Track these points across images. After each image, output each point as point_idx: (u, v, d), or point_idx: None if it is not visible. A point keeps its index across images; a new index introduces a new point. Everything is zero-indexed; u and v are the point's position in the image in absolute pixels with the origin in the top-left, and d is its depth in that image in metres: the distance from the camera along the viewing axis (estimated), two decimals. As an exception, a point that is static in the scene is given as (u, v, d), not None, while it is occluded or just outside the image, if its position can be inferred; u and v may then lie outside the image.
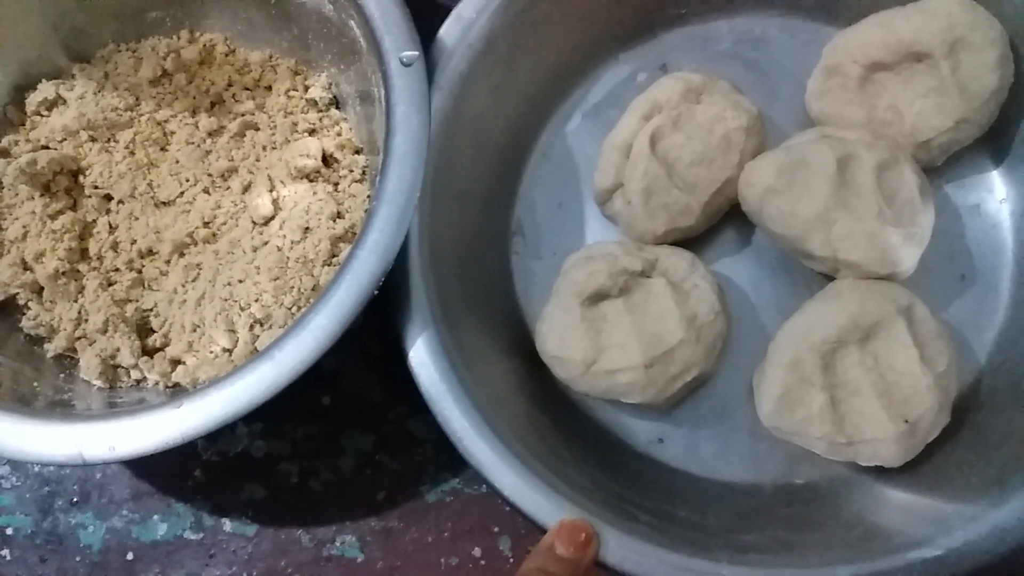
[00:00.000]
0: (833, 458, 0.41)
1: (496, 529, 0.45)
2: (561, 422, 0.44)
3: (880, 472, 0.41)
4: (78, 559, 0.47)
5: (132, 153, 0.48)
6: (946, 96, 0.42)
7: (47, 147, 0.48)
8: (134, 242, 0.47)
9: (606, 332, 0.42)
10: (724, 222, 0.46)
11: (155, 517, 0.47)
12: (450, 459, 0.46)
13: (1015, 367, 0.42)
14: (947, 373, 0.40)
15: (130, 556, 0.47)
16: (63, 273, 0.46)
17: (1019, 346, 0.43)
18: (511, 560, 0.45)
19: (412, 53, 0.41)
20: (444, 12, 0.45)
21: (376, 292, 0.39)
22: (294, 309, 0.43)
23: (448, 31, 0.44)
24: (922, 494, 0.40)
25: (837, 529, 0.40)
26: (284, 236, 0.45)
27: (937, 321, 0.41)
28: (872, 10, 0.44)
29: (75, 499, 0.48)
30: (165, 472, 0.48)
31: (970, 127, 0.43)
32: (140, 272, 0.46)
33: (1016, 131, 0.44)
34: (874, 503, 0.41)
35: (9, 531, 0.48)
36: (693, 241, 0.45)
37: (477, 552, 0.45)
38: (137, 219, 0.47)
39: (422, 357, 0.40)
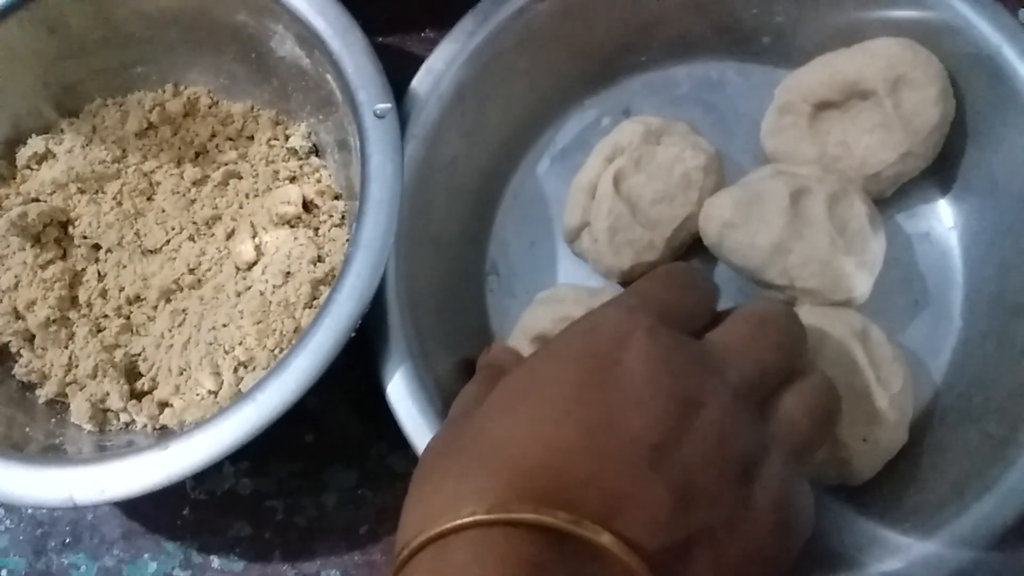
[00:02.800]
0: (797, 479, 0.43)
1: (477, 558, 0.47)
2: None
3: (840, 492, 0.43)
4: (70, 600, 0.48)
5: (119, 203, 0.50)
6: (891, 131, 0.44)
7: (37, 200, 0.50)
8: (122, 289, 0.48)
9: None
10: (687, 256, 0.48)
11: (145, 556, 0.48)
12: (431, 491, 0.47)
13: (968, 387, 0.44)
14: (903, 393, 0.42)
15: (121, 595, 0.48)
16: (54, 321, 0.48)
17: (971, 367, 0.45)
18: (492, 588, 0.46)
19: (385, 106, 0.43)
20: (417, 63, 0.48)
21: (354, 334, 0.41)
22: (277, 351, 0.45)
23: (420, 82, 0.46)
24: (882, 511, 0.41)
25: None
26: (266, 281, 0.47)
27: (892, 344, 0.43)
28: (821, 52, 0.47)
29: (67, 540, 0.49)
30: (155, 512, 0.49)
31: (916, 159, 0.45)
32: (128, 318, 0.48)
33: (960, 162, 0.47)
34: (835, 523, 0.42)
35: (3, 573, 0.49)
36: (659, 275, 0.47)
37: (459, 582, 0.46)
38: (125, 267, 0.49)
39: (400, 392, 0.42)
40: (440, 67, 0.46)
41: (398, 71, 0.47)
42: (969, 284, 0.46)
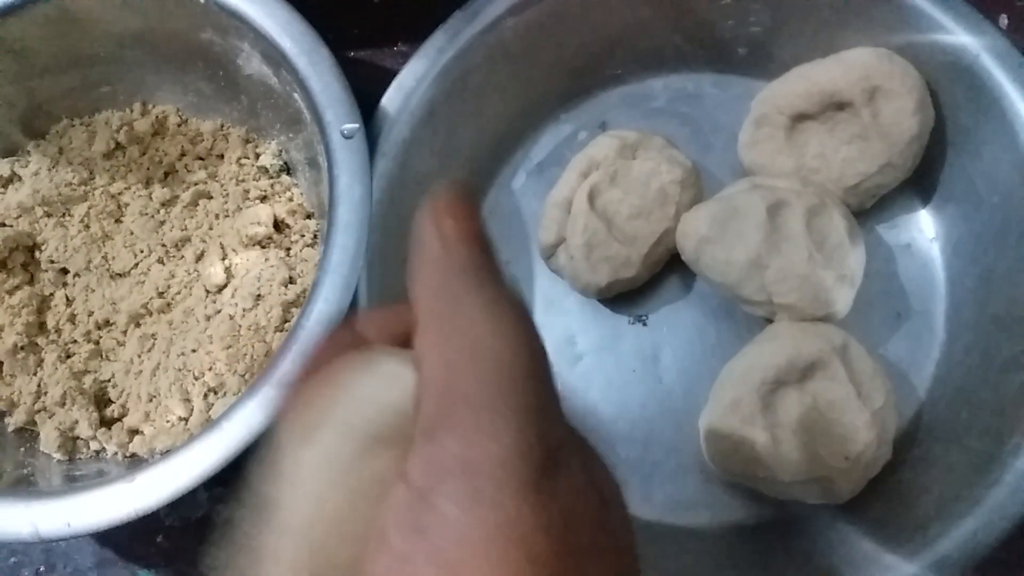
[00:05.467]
0: (779, 497, 0.42)
1: None
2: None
3: (827, 510, 0.42)
4: (43, 632, 0.47)
5: (87, 227, 0.49)
6: (869, 142, 0.44)
7: (3, 224, 0.49)
8: (91, 314, 0.47)
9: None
10: (666, 271, 0.47)
11: (119, 586, 0.47)
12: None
13: (952, 401, 0.43)
14: (885, 409, 0.41)
15: (94, 627, 0.47)
16: (22, 347, 0.47)
17: (955, 379, 0.44)
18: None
19: (352, 126, 0.42)
20: (389, 77, 0.47)
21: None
22: (247, 376, 0.44)
23: (390, 100, 0.46)
24: (868, 529, 0.41)
25: (788, 568, 0.41)
26: (236, 304, 0.46)
27: (873, 359, 0.42)
28: (798, 63, 0.46)
29: (41, 568, 0.48)
30: (128, 540, 0.48)
31: (895, 170, 0.44)
32: (98, 343, 0.47)
33: (940, 172, 0.46)
34: (823, 542, 0.42)
35: (-26, 606, 0.48)
36: (637, 291, 0.47)
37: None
38: (93, 291, 0.48)
39: (372, 418, 0.41)
40: (410, 84, 0.46)
41: (370, 85, 0.46)
42: (952, 296, 0.46)
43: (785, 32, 0.48)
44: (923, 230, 0.47)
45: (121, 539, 0.48)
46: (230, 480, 0.48)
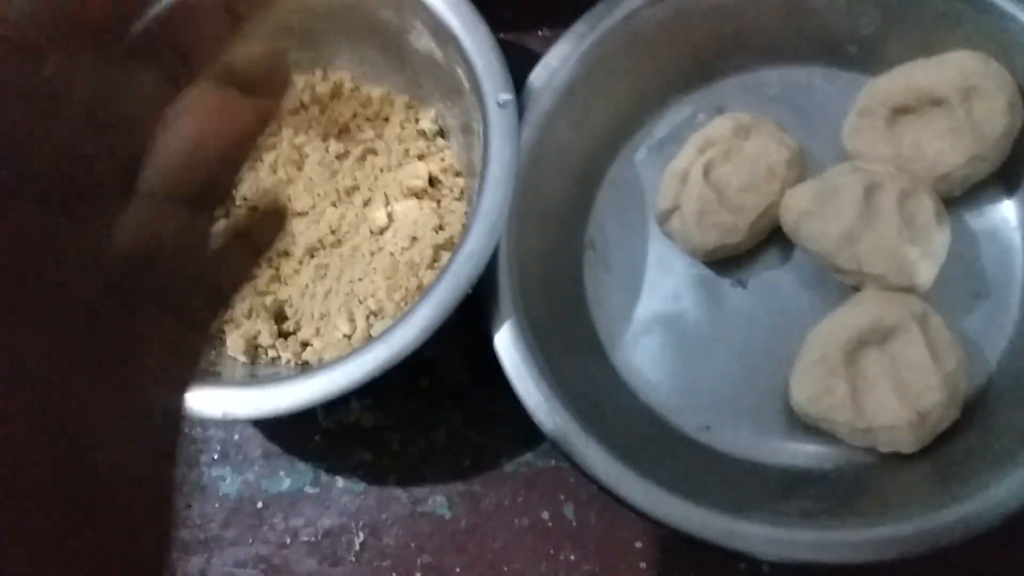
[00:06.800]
0: (855, 444, 0.48)
1: (562, 497, 0.53)
2: (620, 408, 0.52)
3: (896, 458, 0.48)
4: (217, 505, 0.57)
5: (275, 171, 0.58)
6: (961, 136, 0.49)
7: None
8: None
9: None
10: (768, 241, 0.53)
11: (281, 473, 0.57)
12: (526, 436, 0.54)
13: (1020, 373, 0.48)
14: (956, 372, 0.47)
15: (260, 504, 0.56)
16: (215, 269, 0.56)
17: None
18: (573, 523, 0.53)
19: (507, 96, 0.50)
20: (533, 59, 0.54)
21: (470, 291, 0.48)
22: (402, 303, 0.53)
23: (537, 76, 0.53)
24: (929, 476, 0.46)
25: (856, 504, 0.47)
26: (396, 244, 0.54)
27: (948, 327, 0.47)
28: (903, 62, 0.51)
29: (216, 456, 0.58)
30: (290, 436, 0.57)
31: (983, 163, 0.49)
32: (278, 270, 0.56)
33: (1028, 167, 0.51)
34: (890, 483, 0.47)
35: (164, 479, 0.58)
36: (739, 257, 0.53)
37: (545, 515, 0.53)
38: (276, 226, 0.57)
39: (506, 343, 0.48)
40: (555, 64, 0.53)
41: (516, 65, 0.53)
42: (1030, 279, 0.50)
43: (893, 34, 0.53)
44: (1008, 219, 0.51)
45: (284, 436, 0.58)
46: (380, 393, 0.57)
